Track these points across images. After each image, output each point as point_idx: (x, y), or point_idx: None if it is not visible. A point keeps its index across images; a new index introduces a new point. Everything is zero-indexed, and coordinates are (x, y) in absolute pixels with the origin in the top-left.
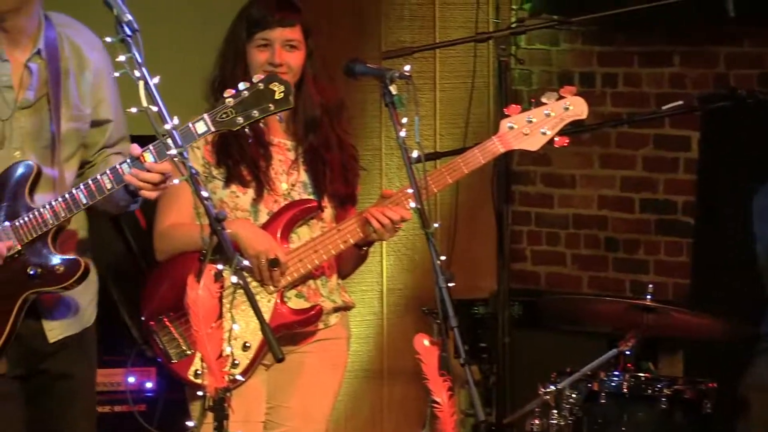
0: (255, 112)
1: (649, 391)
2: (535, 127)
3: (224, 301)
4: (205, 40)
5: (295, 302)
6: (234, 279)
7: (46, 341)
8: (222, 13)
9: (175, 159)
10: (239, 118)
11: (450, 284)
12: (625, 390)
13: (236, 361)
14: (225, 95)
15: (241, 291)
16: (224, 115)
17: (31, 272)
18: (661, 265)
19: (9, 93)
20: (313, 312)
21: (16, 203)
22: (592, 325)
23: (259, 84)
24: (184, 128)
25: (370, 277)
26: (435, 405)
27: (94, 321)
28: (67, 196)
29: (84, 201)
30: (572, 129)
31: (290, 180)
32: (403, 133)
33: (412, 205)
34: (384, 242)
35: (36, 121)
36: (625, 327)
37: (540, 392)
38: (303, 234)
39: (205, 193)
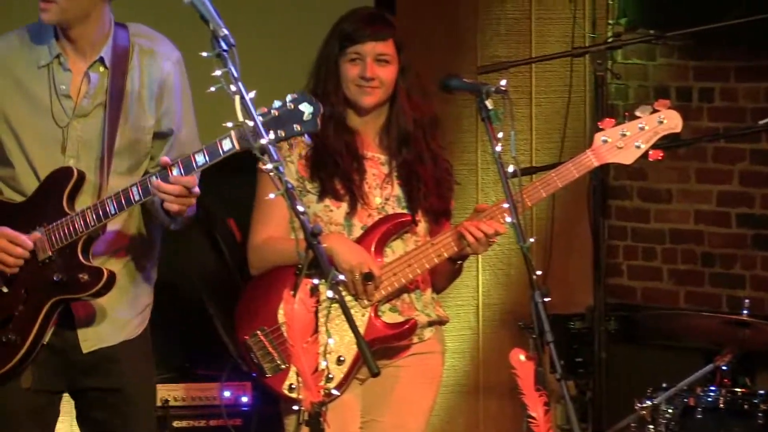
0: (281, 132)
1: (746, 407)
2: (629, 140)
3: (319, 315)
4: (300, 53)
5: (389, 316)
6: (330, 293)
7: (80, 352)
8: (317, 28)
9: (271, 174)
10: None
11: (546, 299)
12: (722, 405)
13: (331, 375)
14: (256, 113)
15: (336, 305)
16: (252, 134)
17: (56, 279)
18: (757, 280)
19: (67, 101)
20: (407, 326)
21: (54, 208)
22: (688, 340)
23: (290, 104)
24: (211, 145)
25: (466, 292)
26: (531, 420)
27: (143, 332)
28: (98, 205)
29: (113, 211)
30: (667, 143)
31: (384, 194)
32: (498, 148)
33: (508, 219)
34: (479, 257)
35: (91, 130)
36: (721, 342)
37: (636, 407)
38: (397, 248)
39: (300, 208)
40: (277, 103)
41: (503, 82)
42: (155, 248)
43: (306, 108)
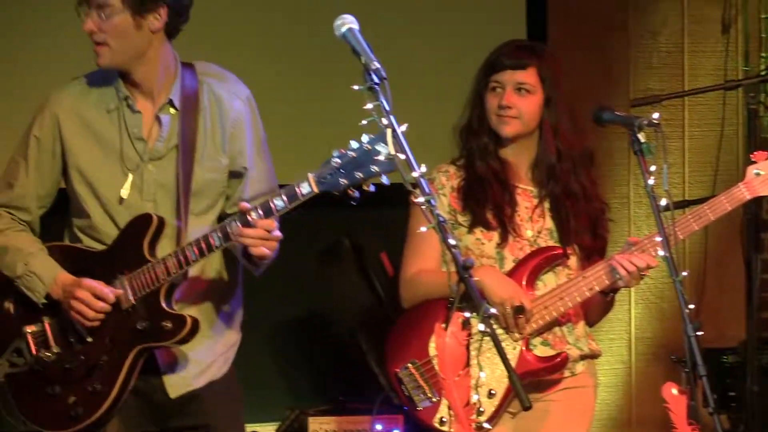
0: (359, 173)
1: None
2: None
3: (471, 348)
4: (454, 86)
5: (540, 350)
6: (481, 327)
7: (167, 396)
8: (469, 61)
9: (423, 207)
10: (343, 180)
11: (698, 333)
12: None
13: (482, 409)
14: (333, 154)
15: (487, 338)
16: (329, 176)
17: (140, 327)
18: None
19: (140, 144)
20: (558, 359)
21: (135, 256)
22: None
23: (366, 145)
24: (289, 188)
25: (619, 326)
26: None
27: (227, 372)
28: (179, 252)
29: (194, 258)
30: None
31: (536, 227)
32: (651, 181)
33: (660, 253)
34: (632, 291)
35: (167, 173)
36: None
37: None
38: (549, 281)
39: (452, 241)
40: (354, 144)
41: (656, 116)
42: (236, 288)
43: (382, 148)
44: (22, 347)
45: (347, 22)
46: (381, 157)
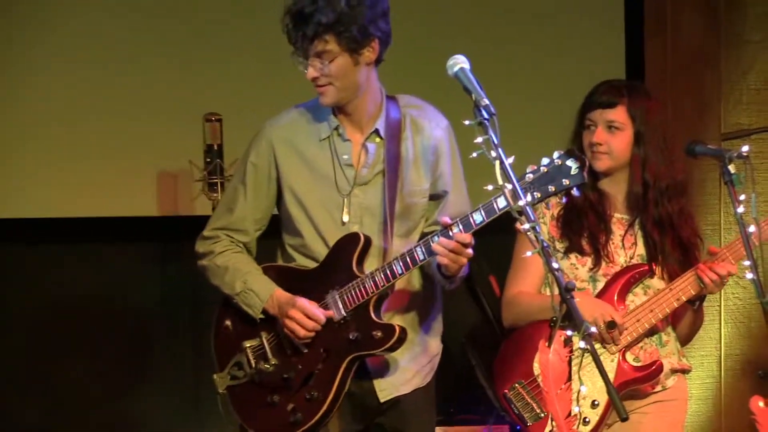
0: (551, 187)
1: None
2: None
3: (573, 363)
4: (557, 123)
5: (634, 362)
6: (582, 344)
7: (377, 400)
8: (572, 100)
9: (528, 233)
10: (537, 193)
11: None
12: None
13: (587, 419)
14: (527, 170)
15: (588, 354)
16: (523, 191)
17: (352, 337)
18: None
19: (349, 170)
20: (654, 367)
21: (345, 272)
22: None
23: (557, 160)
24: (487, 204)
25: (710, 344)
26: None
27: (431, 380)
28: (385, 266)
29: (400, 271)
30: None
31: (629, 253)
32: (740, 210)
33: (748, 276)
34: (722, 311)
35: (372, 197)
36: None
37: None
38: (638, 296)
39: (555, 265)
40: (545, 161)
41: (745, 148)
42: (437, 301)
43: (572, 163)
44: (242, 361)
45: (459, 62)
46: (571, 171)
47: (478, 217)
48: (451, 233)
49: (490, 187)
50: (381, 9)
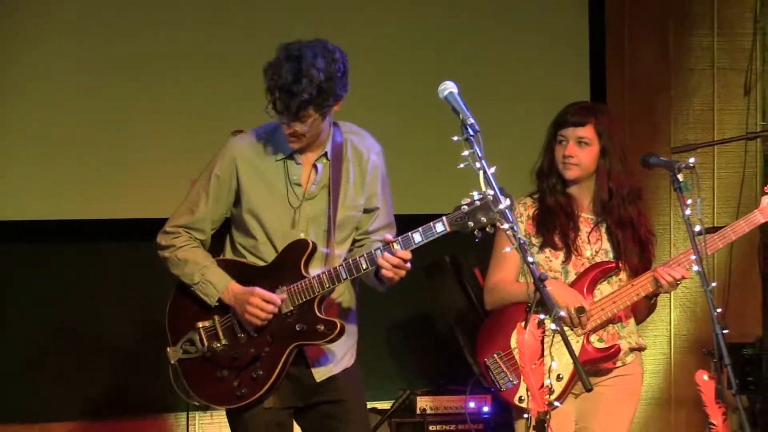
0: (483, 218)
1: None
2: None
3: (545, 342)
4: (533, 137)
5: (597, 344)
6: (553, 326)
7: (314, 380)
8: (543, 119)
9: (508, 232)
10: (470, 223)
11: (724, 331)
12: None
13: (552, 389)
14: (462, 202)
15: (558, 335)
16: (459, 219)
17: (298, 328)
18: None
19: (299, 188)
20: (612, 350)
21: (292, 272)
22: None
23: (488, 195)
24: (426, 227)
25: (662, 326)
26: (712, 427)
27: (354, 361)
28: (331, 270)
29: (344, 276)
30: None
31: (594, 248)
32: (688, 212)
33: (695, 268)
34: (672, 297)
35: (318, 209)
36: None
37: None
38: (604, 289)
39: (530, 258)
40: (479, 195)
41: (692, 160)
42: (356, 297)
43: (502, 200)
44: (194, 339)
45: (449, 87)
46: (501, 206)
47: (417, 238)
48: (392, 249)
49: (474, 193)
50: (346, 72)
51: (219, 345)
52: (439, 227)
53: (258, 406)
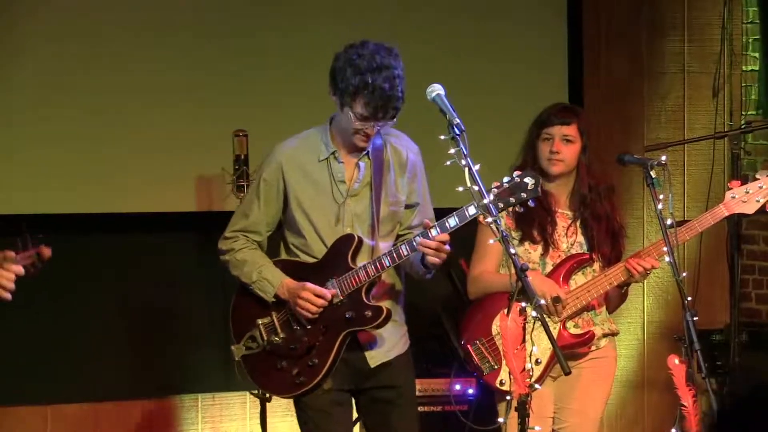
0: (512, 199)
1: None
2: (751, 196)
3: (526, 329)
4: (514, 135)
5: (573, 330)
6: (534, 314)
7: (368, 366)
8: (521, 120)
9: (491, 225)
10: (500, 204)
11: (694, 318)
12: None
13: (531, 373)
14: (492, 185)
15: (538, 322)
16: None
17: (348, 316)
18: None
19: (342, 185)
20: (587, 336)
21: (341, 265)
22: None
23: (516, 178)
24: (460, 210)
25: (635, 313)
26: (683, 407)
27: (407, 348)
28: (376, 261)
29: (387, 263)
30: None
31: (570, 241)
32: (660, 206)
33: (666, 259)
34: (645, 286)
35: (361, 206)
36: None
37: None
38: (579, 279)
39: (512, 250)
40: (506, 178)
41: (663, 158)
42: (404, 288)
43: (529, 180)
44: (255, 335)
45: (436, 89)
46: (528, 187)
47: (452, 222)
48: (430, 234)
49: (460, 189)
50: None
51: (278, 338)
52: (471, 210)
53: (318, 389)
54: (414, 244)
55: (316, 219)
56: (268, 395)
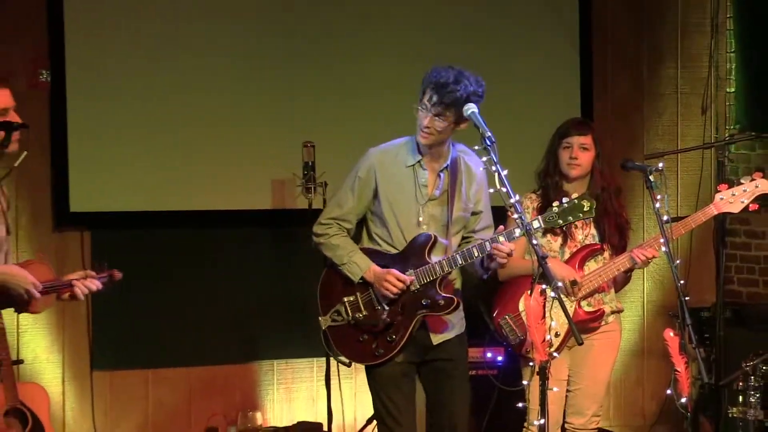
0: (570, 217)
1: None
2: (736, 198)
3: (546, 307)
4: (536, 144)
5: (586, 308)
6: (553, 294)
7: (431, 342)
8: (542, 132)
9: (517, 219)
10: (560, 221)
11: (686, 298)
12: None
13: (552, 343)
14: (553, 205)
15: (556, 301)
16: (551, 218)
17: (423, 302)
18: None
19: (424, 189)
20: (598, 313)
21: (419, 258)
22: None
23: (575, 200)
24: (528, 224)
25: (636, 294)
26: (677, 372)
27: (464, 330)
28: (449, 257)
29: (459, 261)
30: (762, 201)
31: (584, 233)
32: (657, 205)
33: (663, 249)
34: (645, 272)
35: (438, 210)
36: None
37: (743, 365)
38: (591, 265)
39: (534, 241)
40: (565, 199)
41: (660, 165)
42: (461, 283)
43: (586, 202)
44: (340, 310)
45: (471, 108)
46: (584, 209)
47: (517, 232)
48: (498, 240)
49: (491, 190)
50: (481, 101)
51: (361, 315)
52: (536, 224)
53: (391, 361)
54: (486, 248)
55: (399, 215)
56: (349, 362)
